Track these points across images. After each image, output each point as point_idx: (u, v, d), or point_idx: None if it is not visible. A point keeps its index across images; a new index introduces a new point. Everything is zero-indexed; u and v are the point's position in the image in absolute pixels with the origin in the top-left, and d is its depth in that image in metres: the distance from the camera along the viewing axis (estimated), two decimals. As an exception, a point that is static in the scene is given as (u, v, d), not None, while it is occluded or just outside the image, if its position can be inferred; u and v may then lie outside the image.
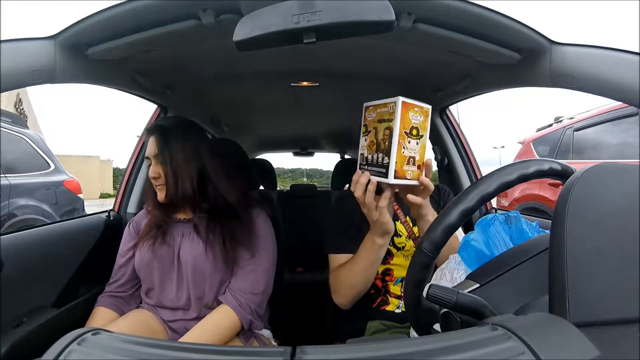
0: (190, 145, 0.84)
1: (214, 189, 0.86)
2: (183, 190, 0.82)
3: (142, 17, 0.64)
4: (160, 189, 0.85)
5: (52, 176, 3.19)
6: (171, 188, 0.83)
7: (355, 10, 0.50)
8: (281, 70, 1.09)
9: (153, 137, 0.85)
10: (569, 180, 0.37)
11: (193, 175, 0.83)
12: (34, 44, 0.64)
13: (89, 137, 46.48)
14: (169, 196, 0.84)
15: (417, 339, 0.43)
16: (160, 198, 0.85)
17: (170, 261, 0.86)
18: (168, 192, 0.83)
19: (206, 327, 0.79)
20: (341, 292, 0.84)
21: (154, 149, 0.84)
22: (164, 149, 0.83)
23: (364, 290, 0.83)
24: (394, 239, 0.92)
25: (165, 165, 0.83)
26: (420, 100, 0.62)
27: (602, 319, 0.31)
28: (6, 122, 2.93)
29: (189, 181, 0.82)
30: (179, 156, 0.82)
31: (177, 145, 0.83)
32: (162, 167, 0.83)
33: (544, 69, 0.70)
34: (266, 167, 2.15)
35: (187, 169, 0.82)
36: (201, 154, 0.85)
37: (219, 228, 0.85)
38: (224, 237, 0.84)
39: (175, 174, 0.82)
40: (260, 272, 0.87)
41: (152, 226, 0.88)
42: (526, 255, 0.46)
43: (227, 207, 0.86)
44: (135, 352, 0.29)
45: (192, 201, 0.85)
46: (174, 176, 0.82)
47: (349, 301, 0.84)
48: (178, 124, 0.87)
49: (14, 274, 0.77)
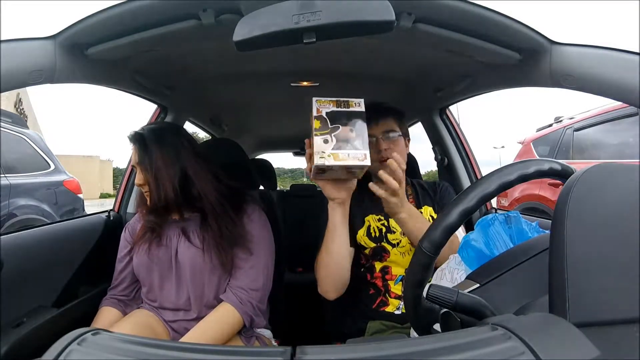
0: (169, 150, 0.84)
1: (197, 191, 0.86)
2: (165, 195, 0.82)
3: (142, 17, 0.64)
4: (147, 195, 0.86)
5: (52, 176, 3.19)
6: (154, 194, 0.83)
7: (355, 10, 0.50)
8: (281, 70, 1.09)
9: (134, 146, 0.86)
10: (569, 180, 0.37)
11: (174, 180, 0.83)
12: (34, 44, 0.64)
13: (89, 137, 46.56)
14: (152, 201, 0.84)
15: (417, 339, 0.43)
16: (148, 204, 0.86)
17: (168, 262, 0.87)
18: (151, 197, 0.84)
19: (208, 325, 0.80)
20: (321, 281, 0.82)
21: (135, 158, 0.86)
22: (144, 157, 0.84)
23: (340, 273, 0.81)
24: (388, 235, 0.92)
25: (147, 172, 0.84)
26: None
27: (602, 319, 0.31)
28: (6, 122, 2.93)
29: (170, 186, 0.82)
30: (159, 162, 0.83)
31: (157, 151, 0.83)
32: (144, 174, 0.84)
33: (544, 69, 0.70)
34: (266, 167, 2.15)
35: (167, 174, 0.83)
36: (182, 158, 0.85)
37: (214, 226, 0.85)
38: (218, 237, 0.85)
39: (157, 180, 0.82)
40: (259, 268, 0.87)
41: (147, 230, 0.89)
42: (526, 255, 0.46)
43: (217, 207, 0.86)
44: (135, 352, 0.29)
45: (176, 205, 0.86)
46: (155, 182, 0.83)
47: (329, 290, 0.82)
48: (156, 130, 0.87)
49: (14, 274, 0.77)
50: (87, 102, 54.78)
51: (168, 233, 0.89)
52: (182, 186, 0.84)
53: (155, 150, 0.83)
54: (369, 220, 0.94)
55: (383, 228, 0.93)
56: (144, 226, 0.90)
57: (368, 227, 0.93)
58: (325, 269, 0.81)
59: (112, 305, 0.90)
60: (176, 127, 0.94)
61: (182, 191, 0.84)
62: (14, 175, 2.83)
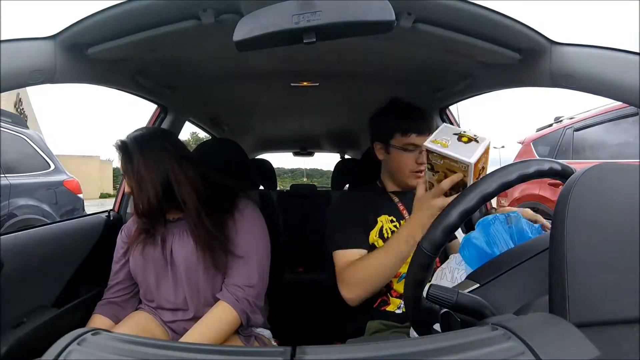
0: (151, 157, 0.84)
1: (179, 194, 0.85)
2: (148, 201, 0.82)
3: (142, 17, 0.64)
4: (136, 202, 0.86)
5: (52, 176, 3.19)
6: (137, 200, 0.84)
7: (355, 10, 0.50)
8: (281, 70, 1.09)
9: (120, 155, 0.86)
10: (569, 181, 0.37)
11: (156, 186, 0.83)
12: (34, 44, 0.64)
13: (89, 137, 46.47)
14: (136, 207, 0.85)
15: (417, 339, 0.43)
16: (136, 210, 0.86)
17: (164, 262, 0.87)
18: (135, 204, 0.85)
19: (206, 325, 0.80)
20: (359, 286, 0.82)
21: (121, 166, 0.87)
22: (127, 165, 0.84)
23: (383, 284, 0.83)
24: None
25: (130, 179, 0.84)
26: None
27: (602, 319, 0.31)
28: (6, 122, 2.93)
29: (153, 192, 0.82)
30: (141, 170, 0.83)
31: (139, 159, 0.83)
32: (129, 182, 0.85)
33: (544, 69, 0.70)
34: (266, 167, 2.15)
35: (149, 180, 0.83)
36: (165, 164, 0.85)
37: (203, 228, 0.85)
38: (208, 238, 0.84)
39: (140, 187, 0.83)
40: (253, 265, 0.87)
41: (141, 231, 0.89)
42: (526, 256, 0.46)
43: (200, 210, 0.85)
44: (135, 352, 0.29)
45: (159, 210, 0.85)
46: (138, 189, 0.83)
47: (361, 296, 0.83)
48: (139, 137, 0.87)
49: (14, 274, 0.77)
50: (87, 102, 54.78)
51: (162, 233, 0.89)
52: (165, 191, 0.83)
53: (138, 158, 0.83)
54: (382, 220, 0.94)
55: (395, 229, 0.93)
56: (138, 228, 0.90)
57: (380, 227, 0.93)
58: (372, 283, 0.81)
59: (104, 313, 0.89)
60: (161, 132, 0.95)
61: (165, 196, 0.84)
62: (14, 175, 2.83)
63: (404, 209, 0.97)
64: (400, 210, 0.97)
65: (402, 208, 0.97)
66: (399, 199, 0.98)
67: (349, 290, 0.84)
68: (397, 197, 0.99)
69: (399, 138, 0.93)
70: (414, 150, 0.92)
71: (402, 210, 0.96)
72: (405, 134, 0.92)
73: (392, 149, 0.94)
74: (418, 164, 0.92)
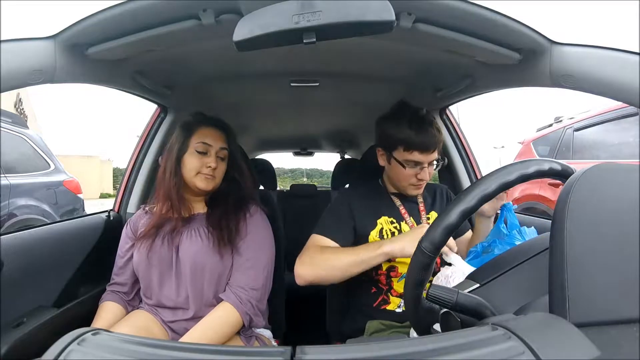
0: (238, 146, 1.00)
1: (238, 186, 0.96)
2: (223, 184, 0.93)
3: (142, 17, 0.64)
4: (210, 180, 0.89)
5: (52, 176, 3.18)
6: (218, 180, 0.92)
7: (355, 10, 0.50)
8: (281, 70, 1.09)
9: (219, 131, 0.93)
10: (568, 181, 0.37)
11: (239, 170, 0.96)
12: (34, 44, 0.64)
13: (89, 137, 46.38)
14: (214, 187, 0.91)
15: (417, 339, 0.43)
16: (207, 187, 0.89)
17: (169, 259, 0.87)
18: (216, 183, 0.91)
19: (208, 325, 0.80)
20: (317, 268, 0.82)
21: (220, 142, 0.92)
22: (230, 145, 0.94)
23: (336, 280, 0.83)
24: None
25: (224, 159, 0.92)
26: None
27: (602, 319, 0.31)
28: (6, 122, 2.92)
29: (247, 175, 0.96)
30: (237, 155, 0.96)
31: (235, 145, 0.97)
32: (218, 160, 0.91)
33: (544, 69, 0.70)
34: (266, 167, 2.15)
35: (241, 165, 0.96)
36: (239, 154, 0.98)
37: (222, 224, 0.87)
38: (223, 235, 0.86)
39: (232, 169, 0.94)
40: (259, 268, 0.87)
41: (152, 225, 0.89)
42: (526, 256, 0.46)
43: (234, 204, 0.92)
44: (135, 352, 0.29)
45: (225, 195, 0.94)
46: (231, 171, 0.94)
47: (309, 277, 0.82)
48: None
49: (14, 274, 0.77)
50: (87, 102, 54.70)
51: (171, 230, 0.88)
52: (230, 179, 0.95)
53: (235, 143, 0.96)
54: (382, 222, 0.94)
55: (395, 231, 0.93)
56: (153, 222, 0.89)
57: (380, 229, 0.93)
58: (330, 273, 0.81)
59: (114, 300, 0.89)
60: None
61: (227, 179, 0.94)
62: (14, 175, 2.83)
63: (405, 211, 0.97)
64: (401, 212, 0.96)
65: (404, 211, 0.97)
66: (400, 202, 0.98)
67: (305, 268, 0.83)
68: (398, 199, 0.98)
69: (401, 152, 0.89)
70: (415, 167, 0.89)
71: (404, 213, 0.96)
72: (408, 149, 0.87)
73: (394, 160, 0.91)
74: (418, 179, 0.90)
